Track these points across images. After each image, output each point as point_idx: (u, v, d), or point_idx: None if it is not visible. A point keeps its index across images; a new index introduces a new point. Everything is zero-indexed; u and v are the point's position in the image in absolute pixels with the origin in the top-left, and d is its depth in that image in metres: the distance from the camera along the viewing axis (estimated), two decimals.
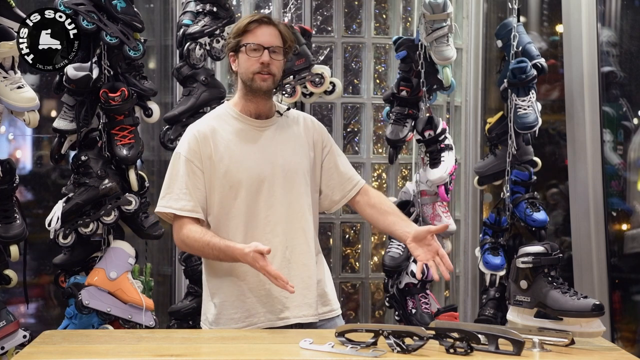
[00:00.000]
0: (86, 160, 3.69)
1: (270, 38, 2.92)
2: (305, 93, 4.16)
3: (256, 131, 2.98)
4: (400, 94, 4.09)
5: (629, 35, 4.69)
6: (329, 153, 3.08)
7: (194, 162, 2.94)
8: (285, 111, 3.05)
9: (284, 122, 3.03)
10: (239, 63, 2.95)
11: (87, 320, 3.67)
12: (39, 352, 2.56)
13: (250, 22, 2.93)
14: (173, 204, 2.94)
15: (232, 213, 2.93)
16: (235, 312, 2.96)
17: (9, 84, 3.46)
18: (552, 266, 2.77)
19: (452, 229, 4.13)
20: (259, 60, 2.90)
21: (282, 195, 2.94)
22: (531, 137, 4.10)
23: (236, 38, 2.94)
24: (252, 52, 2.91)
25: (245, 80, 2.95)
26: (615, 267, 4.50)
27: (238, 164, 2.92)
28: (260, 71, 2.91)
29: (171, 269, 4.62)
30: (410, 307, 3.99)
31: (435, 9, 4.01)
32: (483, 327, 2.57)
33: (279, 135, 3.00)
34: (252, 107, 2.98)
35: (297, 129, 3.04)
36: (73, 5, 3.61)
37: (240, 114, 2.99)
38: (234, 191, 2.92)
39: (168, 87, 4.64)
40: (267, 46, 2.91)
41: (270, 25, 2.94)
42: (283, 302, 2.94)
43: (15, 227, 3.54)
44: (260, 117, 3.00)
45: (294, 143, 3.01)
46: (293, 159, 2.98)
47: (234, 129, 2.97)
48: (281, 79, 3.07)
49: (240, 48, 2.93)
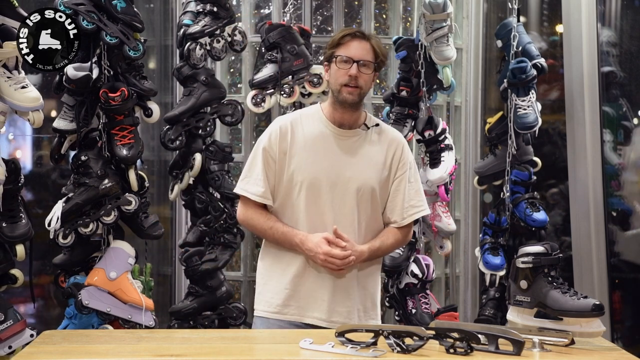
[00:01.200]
0: (86, 160, 3.69)
1: (361, 52, 3.04)
2: (303, 93, 4.16)
3: (335, 138, 3.09)
4: (400, 94, 4.09)
5: (629, 35, 4.69)
6: (401, 177, 3.13)
7: (270, 152, 3.08)
8: (373, 126, 3.13)
9: (370, 135, 3.13)
10: (330, 73, 3.07)
11: (87, 320, 3.67)
12: (39, 352, 2.56)
13: (344, 36, 3.05)
14: (249, 188, 3.10)
15: (296, 208, 3.06)
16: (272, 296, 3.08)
17: (13, 83, 3.46)
18: (552, 266, 2.77)
19: (452, 229, 4.13)
20: (348, 73, 3.01)
21: (337, 204, 3.06)
22: (531, 137, 4.10)
23: (330, 49, 3.07)
24: (342, 64, 3.03)
25: (333, 90, 3.07)
26: (615, 267, 4.51)
27: (306, 165, 3.05)
28: (348, 83, 3.02)
29: (171, 269, 4.63)
30: (410, 307, 3.99)
31: (435, 9, 4.01)
32: (483, 327, 2.57)
33: (357, 148, 3.10)
34: (337, 115, 3.10)
35: (380, 145, 3.12)
36: (73, 5, 3.61)
37: (325, 119, 3.11)
38: (299, 189, 3.05)
39: (168, 87, 4.64)
40: (357, 59, 3.02)
41: (362, 40, 3.06)
42: (319, 303, 3.05)
43: (21, 226, 3.55)
44: (343, 126, 3.10)
45: (370, 159, 3.10)
46: (362, 175, 3.07)
47: (316, 131, 3.09)
48: (280, 78, 3.12)
49: (332, 59, 3.05)
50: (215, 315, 4.05)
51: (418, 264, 3.99)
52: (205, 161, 4.04)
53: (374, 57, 3.05)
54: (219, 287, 4.04)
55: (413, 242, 4.03)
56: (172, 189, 4.15)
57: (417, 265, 3.99)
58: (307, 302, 3.05)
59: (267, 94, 4.09)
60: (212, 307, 4.05)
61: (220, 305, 4.04)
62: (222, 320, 4.05)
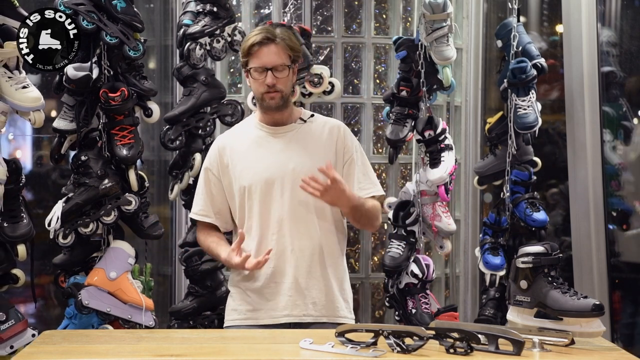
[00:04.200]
0: (86, 160, 3.69)
1: (272, 58, 3.05)
2: (304, 93, 4.16)
3: (272, 137, 3.14)
4: (400, 94, 4.09)
5: (629, 35, 4.69)
6: (349, 161, 3.17)
7: (212, 170, 3.16)
8: (308, 118, 3.18)
9: (307, 128, 3.16)
10: (250, 81, 3.12)
11: (87, 320, 3.67)
12: (39, 352, 2.56)
13: (252, 45, 3.05)
14: (193, 209, 3.23)
15: (249, 215, 3.10)
16: (240, 304, 3.12)
17: (14, 83, 3.46)
18: (552, 266, 2.78)
19: (452, 229, 4.13)
20: (264, 82, 3.04)
21: (290, 197, 3.07)
22: (531, 137, 4.09)
23: (243, 58, 3.10)
24: (257, 75, 3.06)
25: (257, 99, 3.13)
26: (615, 267, 4.50)
27: (250, 169, 3.09)
28: (268, 91, 3.06)
29: (171, 269, 4.63)
30: (410, 307, 3.99)
31: (435, 9, 4.01)
32: (483, 327, 2.57)
33: (296, 141, 3.13)
34: (267, 117, 3.15)
35: (320, 135, 3.16)
36: (73, 5, 3.61)
37: (259, 123, 3.17)
38: (249, 194, 3.09)
39: (168, 87, 4.64)
40: (270, 67, 3.04)
41: (270, 44, 3.05)
42: (285, 300, 3.07)
43: (22, 226, 3.55)
44: (277, 124, 3.15)
45: (312, 148, 3.13)
46: (305, 164, 3.07)
47: (253, 137, 3.15)
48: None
49: (248, 70, 3.09)
50: (215, 315, 4.05)
51: (418, 264, 3.99)
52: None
53: (286, 56, 3.06)
54: (218, 287, 4.04)
55: (413, 242, 4.03)
56: (172, 189, 4.15)
57: (417, 265, 3.98)
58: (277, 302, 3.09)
59: None
60: (212, 307, 4.05)
61: (220, 305, 4.03)
62: (221, 320, 4.03)
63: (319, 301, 3.09)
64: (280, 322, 3.07)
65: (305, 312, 3.08)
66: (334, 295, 3.13)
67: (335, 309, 3.13)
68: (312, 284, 3.09)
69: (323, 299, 3.10)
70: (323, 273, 3.11)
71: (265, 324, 3.07)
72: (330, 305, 3.12)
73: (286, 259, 3.07)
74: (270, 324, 3.06)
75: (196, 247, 4.03)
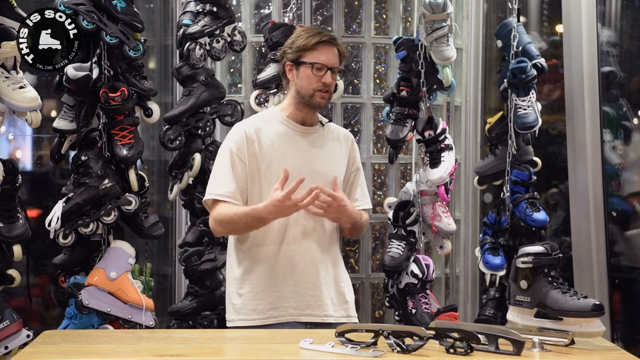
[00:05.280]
0: (86, 160, 3.69)
1: (334, 59, 3.13)
2: None
3: (299, 136, 3.18)
4: (400, 94, 4.09)
5: (629, 35, 4.69)
6: (355, 171, 3.29)
7: (239, 156, 3.11)
8: (326, 123, 3.26)
9: (325, 133, 3.23)
10: (299, 76, 3.13)
11: (87, 320, 3.67)
12: (39, 352, 2.56)
13: (317, 42, 3.10)
14: (215, 190, 3.11)
15: None
16: (259, 303, 3.10)
17: (11, 83, 3.46)
18: (552, 266, 2.78)
19: (452, 229, 4.13)
20: (322, 80, 3.09)
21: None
22: (531, 137, 4.09)
23: (299, 52, 3.11)
24: (316, 71, 3.10)
25: (304, 94, 3.13)
26: (615, 267, 4.50)
27: (278, 164, 3.08)
28: (321, 89, 3.10)
29: (171, 269, 4.63)
30: (410, 307, 3.99)
31: (435, 9, 4.00)
32: (483, 327, 2.57)
33: (320, 144, 3.20)
34: (300, 115, 3.18)
35: (337, 142, 3.25)
36: (73, 5, 3.61)
37: (286, 119, 3.18)
38: (271, 189, 3.05)
39: (168, 87, 4.64)
40: (331, 67, 3.10)
41: (332, 46, 3.14)
42: (308, 299, 3.11)
43: (18, 226, 3.55)
44: (305, 124, 3.19)
45: (333, 153, 3.21)
46: (329, 166, 3.16)
47: (279, 131, 3.16)
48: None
49: (304, 64, 3.10)
50: (214, 315, 4.05)
51: (418, 264, 3.98)
52: (205, 161, 4.04)
53: (340, 61, 3.17)
54: (218, 287, 4.04)
55: (413, 242, 4.03)
56: (171, 189, 4.16)
57: (417, 265, 3.98)
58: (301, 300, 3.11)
59: (270, 93, 4.08)
60: (212, 307, 4.05)
61: (219, 305, 4.03)
62: (221, 320, 4.04)
63: (336, 301, 3.17)
64: (300, 320, 3.10)
65: (327, 312, 3.14)
66: (347, 295, 3.22)
67: (348, 309, 3.21)
68: (329, 283, 3.16)
69: (338, 298, 3.18)
70: (335, 271, 3.20)
71: (286, 321, 3.09)
72: (345, 305, 3.20)
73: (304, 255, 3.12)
74: (290, 322, 3.09)
75: (195, 247, 4.03)
